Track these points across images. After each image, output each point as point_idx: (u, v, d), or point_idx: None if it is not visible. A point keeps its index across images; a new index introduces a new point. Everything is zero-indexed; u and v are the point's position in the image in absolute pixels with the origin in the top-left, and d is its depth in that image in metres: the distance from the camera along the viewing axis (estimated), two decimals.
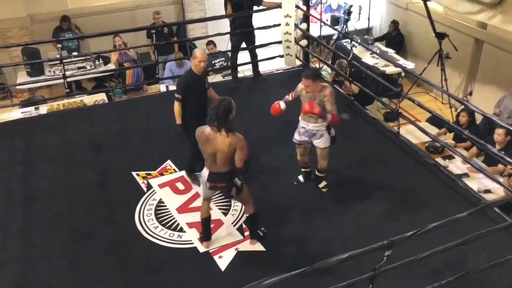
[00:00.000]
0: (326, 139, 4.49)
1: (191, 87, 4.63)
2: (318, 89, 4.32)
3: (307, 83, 4.26)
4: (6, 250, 4.25)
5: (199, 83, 4.69)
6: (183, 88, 4.64)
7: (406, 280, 3.66)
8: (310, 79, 4.24)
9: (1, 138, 5.92)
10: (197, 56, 4.59)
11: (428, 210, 4.42)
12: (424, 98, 7.71)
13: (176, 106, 4.67)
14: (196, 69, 4.63)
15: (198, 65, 4.60)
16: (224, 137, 3.63)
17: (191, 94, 4.63)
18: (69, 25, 8.19)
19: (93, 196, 4.87)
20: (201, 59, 4.58)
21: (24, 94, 8.24)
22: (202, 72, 4.70)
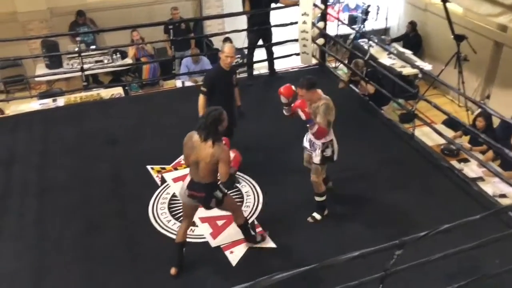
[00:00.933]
0: (319, 154, 4.22)
1: (217, 81, 4.63)
2: (314, 99, 4.09)
3: (301, 92, 4.04)
4: (21, 239, 4.33)
5: (226, 79, 4.67)
6: (209, 82, 4.65)
7: (417, 283, 3.65)
8: (303, 88, 4.02)
9: (19, 129, 6.02)
10: (224, 51, 4.58)
11: (441, 212, 4.39)
12: (440, 101, 7.63)
13: (201, 99, 4.65)
14: (223, 63, 4.61)
15: (225, 60, 4.58)
16: (209, 147, 3.51)
17: (217, 88, 4.61)
18: (84, 20, 8.25)
19: (108, 188, 4.93)
20: (228, 54, 4.56)
21: (42, 86, 8.36)
22: (231, 68, 4.68)
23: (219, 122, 3.56)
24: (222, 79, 4.64)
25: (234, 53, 4.66)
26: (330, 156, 4.23)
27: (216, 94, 4.61)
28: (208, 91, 4.62)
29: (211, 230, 4.37)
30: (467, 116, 7.23)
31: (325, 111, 4.04)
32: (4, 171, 5.21)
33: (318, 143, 4.18)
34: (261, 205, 4.68)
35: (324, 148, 4.18)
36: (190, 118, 6.14)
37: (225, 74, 4.65)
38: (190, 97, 6.74)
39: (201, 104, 4.65)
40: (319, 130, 4.06)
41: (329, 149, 4.20)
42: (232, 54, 4.59)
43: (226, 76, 4.66)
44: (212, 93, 4.61)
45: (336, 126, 5.40)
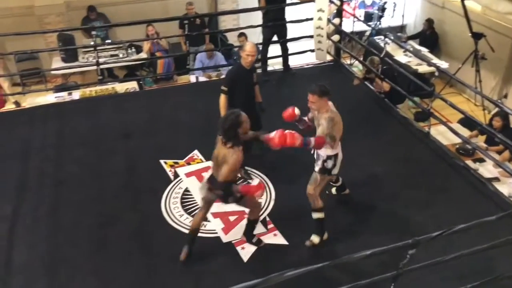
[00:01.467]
0: (319, 164, 4.02)
1: (238, 80, 4.58)
2: (324, 109, 3.87)
3: (313, 98, 3.82)
4: (35, 230, 4.38)
5: (247, 77, 4.62)
6: (230, 81, 4.62)
7: (431, 282, 3.61)
8: (315, 95, 3.80)
9: (35, 122, 6.09)
10: (246, 49, 4.53)
11: (456, 212, 4.34)
12: (456, 99, 7.53)
13: (222, 98, 4.61)
14: (244, 62, 4.56)
15: (246, 58, 4.53)
16: (226, 148, 3.57)
17: (237, 87, 4.57)
18: (96, 15, 8.28)
19: (121, 182, 4.96)
20: (250, 53, 4.51)
21: (58, 79, 8.43)
22: (251, 66, 4.63)
23: (237, 126, 3.54)
24: (243, 78, 4.59)
25: (256, 52, 4.60)
26: (329, 169, 4.02)
27: (237, 93, 4.57)
28: (229, 90, 4.58)
29: (223, 226, 4.37)
30: (483, 115, 7.14)
31: (328, 123, 3.81)
32: (20, 163, 5.27)
33: (323, 155, 3.98)
34: (273, 201, 4.67)
35: (326, 159, 3.99)
36: (204, 113, 6.20)
37: (246, 72, 4.60)
38: (204, 92, 6.79)
39: (222, 104, 4.61)
40: (317, 140, 3.79)
41: (331, 161, 3.99)
42: (253, 53, 4.53)
43: (247, 75, 4.62)
44: (233, 93, 4.57)
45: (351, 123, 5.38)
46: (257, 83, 4.84)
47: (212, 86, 7.19)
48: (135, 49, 8.15)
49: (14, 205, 4.65)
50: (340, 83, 6.93)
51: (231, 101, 4.59)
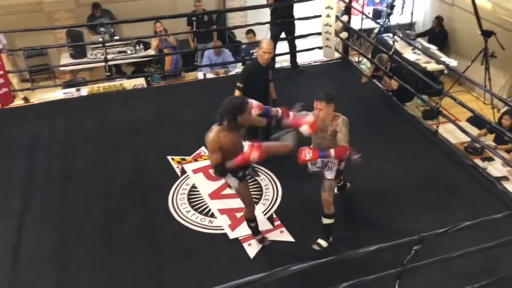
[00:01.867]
0: (333, 170, 3.93)
1: (253, 77, 4.58)
2: (330, 118, 3.80)
3: (320, 106, 3.74)
4: (44, 225, 4.41)
5: (263, 75, 4.62)
6: (245, 77, 4.61)
7: (437, 280, 3.60)
8: (323, 101, 3.72)
9: (44, 117, 6.13)
10: (262, 47, 4.51)
11: (463, 211, 4.32)
12: (465, 98, 7.48)
13: (236, 94, 4.60)
14: (261, 59, 4.55)
15: (262, 56, 4.52)
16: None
17: (252, 84, 4.56)
18: (101, 12, 8.28)
19: (129, 178, 4.99)
20: (266, 50, 4.48)
21: (66, 76, 8.47)
22: (268, 63, 4.61)
23: (239, 111, 3.45)
24: (258, 75, 4.59)
25: (272, 49, 4.58)
26: (343, 169, 4.03)
27: (251, 90, 4.53)
28: (244, 87, 4.57)
29: (230, 222, 4.38)
30: (492, 114, 7.09)
31: (346, 128, 3.75)
32: (28, 158, 5.31)
33: (334, 161, 3.85)
34: (280, 198, 4.67)
35: (339, 162, 3.90)
36: (211, 110, 6.16)
37: (262, 70, 4.59)
38: (211, 89, 6.80)
39: None
40: (341, 150, 3.68)
41: (343, 162, 3.96)
42: (270, 50, 4.51)
43: (262, 72, 4.61)
44: (248, 89, 4.56)
45: (358, 121, 5.36)
46: (272, 80, 4.85)
47: (219, 83, 7.21)
48: (143, 46, 8.17)
49: (22, 200, 4.69)
50: (348, 81, 6.92)
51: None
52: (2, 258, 4.05)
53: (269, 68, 4.74)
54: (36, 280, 3.86)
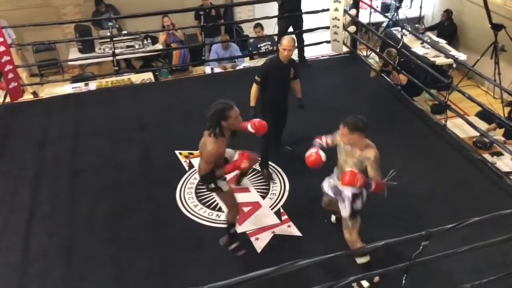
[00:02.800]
0: (347, 207, 3.54)
1: (272, 73, 4.51)
2: (358, 145, 3.44)
3: (343, 131, 3.41)
4: (54, 218, 4.46)
5: (283, 72, 4.54)
6: (264, 72, 4.55)
7: (444, 275, 3.59)
8: (347, 127, 3.38)
9: (53, 112, 6.18)
10: (282, 43, 4.44)
11: (472, 206, 4.29)
12: (474, 92, 7.42)
13: (253, 88, 4.56)
14: (281, 56, 4.48)
15: (282, 52, 4.44)
16: (205, 136, 3.49)
17: (270, 80, 4.51)
18: (105, 7, 8.27)
19: (137, 172, 5.01)
20: (286, 47, 4.41)
21: (75, 70, 8.52)
22: (289, 61, 4.54)
23: (221, 118, 3.40)
24: (277, 71, 4.51)
25: (293, 46, 4.47)
26: (359, 209, 3.57)
27: (269, 86, 4.51)
28: (262, 81, 4.52)
29: (237, 216, 4.39)
30: (502, 108, 7.02)
31: (378, 163, 3.41)
32: (38, 152, 5.36)
33: (348, 194, 3.50)
34: (287, 193, 4.67)
35: (354, 199, 3.51)
36: None
37: (281, 66, 4.52)
38: (219, 83, 6.80)
39: (253, 93, 4.56)
40: (377, 186, 3.41)
41: (359, 200, 3.53)
42: (290, 47, 4.41)
43: (282, 69, 4.53)
44: (266, 84, 4.52)
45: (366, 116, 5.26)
46: (297, 78, 4.75)
47: (227, 77, 7.21)
48: (151, 40, 8.18)
49: (32, 194, 4.74)
50: (356, 75, 6.89)
51: (263, 93, 4.56)
52: (13, 251, 4.10)
53: (291, 66, 4.62)
54: (46, 272, 3.90)
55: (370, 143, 3.46)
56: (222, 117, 3.41)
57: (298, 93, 4.87)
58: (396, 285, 3.09)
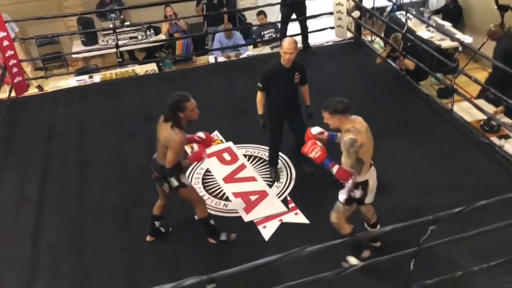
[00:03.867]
0: (344, 192, 3.49)
1: (273, 77, 4.25)
2: (344, 127, 3.32)
3: (325, 116, 3.35)
4: (63, 211, 4.50)
5: (285, 76, 4.23)
6: (264, 77, 4.29)
7: (452, 259, 3.59)
8: (327, 111, 3.32)
9: (58, 105, 6.20)
10: (282, 46, 4.17)
11: (480, 190, 4.27)
12: (481, 75, 7.34)
13: (258, 95, 4.35)
14: (282, 60, 4.18)
15: (283, 56, 4.15)
16: (167, 129, 3.48)
17: (273, 85, 4.27)
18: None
19: (143, 163, 4.99)
20: (286, 50, 4.10)
21: (79, 63, 8.52)
22: (292, 64, 4.23)
23: (178, 109, 3.45)
24: (280, 76, 4.23)
25: (295, 49, 4.15)
26: (359, 198, 3.48)
27: (273, 93, 4.30)
28: (264, 87, 4.29)
29: (244, 205, 4.41)
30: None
31: (348, 148, 3.25)
32: (45, 146, 5.39)
33: (348, 181, 3.43)
34: (293, 181, 4.68)
35: (353, 188, 3.43)
36: (224, 93, 6.20)
37: (284, 71, 4.22)
38: (223, 73, 6.78)
39: (258, 100, 4.36)
40: (344, 173, 3.35)
41: (358, 190, 3.43)
42: (290, 50, 4.10)
43: (285, 73, 4.23)
44: (270, 91, 4.31)
45: (372, 101, 5.31)
46: (306, 83, 4.44)
47: (231, 66, 7.19)
48: (154, 31, 8.15)
49: (40, 187, 4.78)
50: (361, 61, 6.84)
51: (268, 100, 4.35)
52: (23, 243, 4.15)
53: (296, 71, 4.29)
54: (56, 264, 3.95)
55: (353, 128, 3.29)
56: (179, 108, 3.46)
57: (306, 99, 4.52)
58: (404, 270, 3.09)
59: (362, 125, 3.35)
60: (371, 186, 3.47)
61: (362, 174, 3.39)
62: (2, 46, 6.00)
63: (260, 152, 5.11)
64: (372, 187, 3.48)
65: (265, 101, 4.38)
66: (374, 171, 3.51)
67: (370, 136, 3.38)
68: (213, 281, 2.47)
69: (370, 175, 3.45)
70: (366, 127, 3.37)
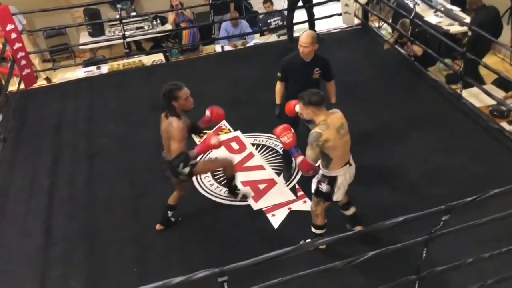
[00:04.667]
0: (314, 183, 3.53)
1: (291, 69, 4.21)
2: (315, 120, 3.32)
3: (300, 106, 3.39)
4: (73, 202, 4.54)
5: (303, 69, 4.16)
6: (282, 68, 4.26)
7: (463, 246, 3.58)
8: (301, 101, 3.33)
9: (66, 97, 6.23)
10: (299, 39, 4.10)
11: (490, 176, 4.26)
12: (490, 60, 7.26)
13: (277, 85, 4.33)
14: (300, 53, 4.12)
15: (300, 49, 4.10)
16: (165, 120, 3.57)
17: (290, 77, 4.23)
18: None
19: (152, 153, 5.02)
20: (301, 43, 4.04)
21: (86, 54, 8.53)
22: (313, 59, 4.15)
23: (171, 98, 3.50)
24: (298, 69, 4.17)
25: (312, 43, 4.05)
26: (325, 193, 3.48)
27: (291, 85, 4.22)
28: (282, 77, 4.26)
29: (253, 194, 4.42)
30: None
31: (312, 141, 3.24)
32: (54, 137, 5.43)
33: (320, 173, 3.47)
34: None
35: (321, 179, 3.46)
36: (231, 83, 6.19)
37: (302, 64, 4.15)
38: (229, 62, 6.77)
39: (277, 90, 4.34)
40: (306, 165, 3.33)
41: (325, 185, 3.43)
42: (306, 44, 4.02)
43: (303, 67, 4.16)
44: (288, 83, 4.26)
45: (381, 88, 5.27)
46: (332, 79, 4.33)
47: (237, 55, 7.16)
48: (160, 21, 8.13)
49: (50, 178, 4.83)
50: (368, 47, 6.79)
51: (286, 90, 4.29)
52: (35, 234, 4.20)
53: (317, 65, 4.18)
54: (68, 254, 4.00)
55: (323, 122, 3.27)
56: (172, 97, 3.50)
57: (331, 97, 4.38)
58: (415, 259, 3.09)
59: (336, 121, 3.31)
60: (339, 184, 3.43)
61: (330, 170, 3.38)
62: (10, 38, 6.03)
63: (268, 141, 5.11)
64: (340, 185, 3.43)
65: (284, 92, 4.33)
66: (349, 171, 3.46)
67: (343, 133, 3.33)
68: (224, 274, 2.49)
69: (340, 172, 3.41)
70: (340, 124, 3.33)
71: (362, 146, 4.81)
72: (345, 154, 3.42)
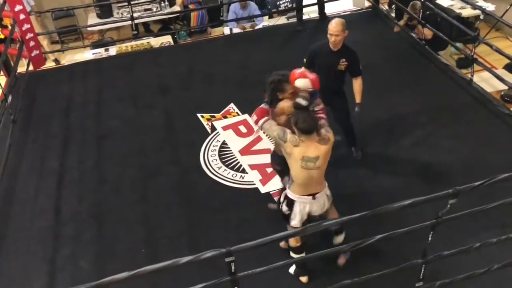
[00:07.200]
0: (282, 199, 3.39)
1: (316, 56, 4.11)
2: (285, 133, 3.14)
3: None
4: (83, 183, 4.58)
5: (328, 58, 4.06)
6: (309, 54, 4.16)
7: (470, 231, 3.58)
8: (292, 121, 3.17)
9: (75, 78, 6.24)
10: (328, 28, 3.98)
11: (500, 161, 4.22)
12: (503, 44, 7.15)
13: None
14: (329, 42, 4.02)
15: (329, 38, 3.97)
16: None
17: (316, 65, 4.10)
18: None
19: (161, 136, 5.07)
20: (331, 32, 3.93)
21: (94, 36, 8.51)
22: (341, 49, 4.04)
23: (276, 89, 3.29)
24: (323, 58, 4.07)
25: (343, 31, 3.93)
26: (285, 214, 3.26)
27: (315, 71, 3.92)
28: (307, 63, 4.13)
29: (261, 177, 4.43)
30: None
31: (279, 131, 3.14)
32: (63, 119, 5.46)
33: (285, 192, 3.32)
34: None
35: (283, 198, 3.29)
36: (239, 65, 6.16)
37: (328, 52, 4.05)
38: (238, 44, 6.73)
39: None
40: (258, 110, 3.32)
41: (284, 205, 3.25)
42: (336, 32, 3.89)
43: (329, 55, 4.05)
44: (312, 68, 4.05)
45: (391, 71, 5.17)
46: (357, 76, 4.15)
47: (246, 37, 7.11)
48: (168, 2, 8.07)
49: (60, 159, 4.87)
50: (379, 30, 6.71)
51: None
52: (46, 214, 4.26)
53: (343, 56, 4.05)
54: (78, 234, 4.05)
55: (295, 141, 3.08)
56: (277, 88, 3.30)
57: (357, 95, 4.18)
58: (422, 243, 3.10)
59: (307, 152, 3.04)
60: (296, 211, 3.19)
61: (291, 190, 3.19)
62: (18, 19, 6.02)
63: None
64: (296, 213, 3.19)
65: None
66: (312, 203, 3.19)
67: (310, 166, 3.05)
68: (231, 254, 2.51)
69: (299, 200, 3.18)
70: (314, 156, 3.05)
71: (371, 129, 4.81)
72: (308, 186, 3.15)
